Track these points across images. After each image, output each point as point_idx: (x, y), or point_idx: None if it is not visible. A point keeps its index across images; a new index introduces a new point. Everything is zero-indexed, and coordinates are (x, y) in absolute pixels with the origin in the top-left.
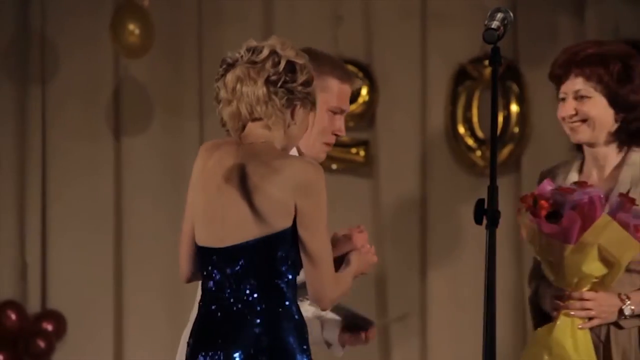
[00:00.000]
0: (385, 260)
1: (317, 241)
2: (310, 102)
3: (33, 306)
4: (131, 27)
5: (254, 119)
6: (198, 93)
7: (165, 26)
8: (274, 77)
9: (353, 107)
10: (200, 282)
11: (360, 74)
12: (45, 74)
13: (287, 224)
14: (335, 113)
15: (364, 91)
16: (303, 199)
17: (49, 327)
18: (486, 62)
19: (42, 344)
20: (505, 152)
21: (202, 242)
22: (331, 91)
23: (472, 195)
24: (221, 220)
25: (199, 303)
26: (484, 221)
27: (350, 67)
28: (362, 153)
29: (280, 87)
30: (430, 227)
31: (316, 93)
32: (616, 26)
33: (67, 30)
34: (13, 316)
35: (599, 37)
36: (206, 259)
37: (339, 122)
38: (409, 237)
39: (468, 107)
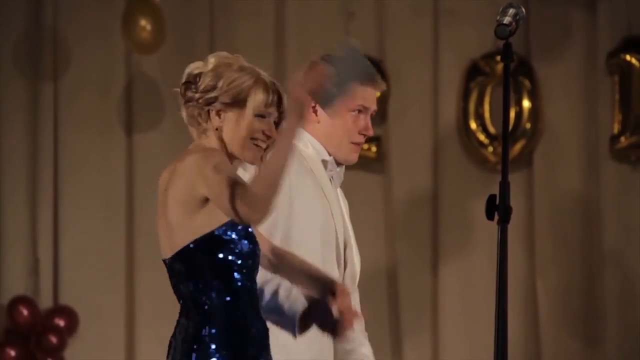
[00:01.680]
0: (397, 256)
1: (219, 184)
2: (222, 103)
3: (45, 302)
4: (143, 22)
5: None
6: None
7: (177, 22)
8: (183, 95)
9: None
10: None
11: None
12: (57, 70)
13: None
14: (359, 112)
15: None
16: (208, 173)
17: (61, 323)
18: (498, 58)
19: (54, 339)
20: (517, 147)
21: None
22: (350, 92)
23: (484, 191)
24: None
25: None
26: (496, 217)
27: None
28: (374, 149)
29: (189, 102)
30: (442, 222)
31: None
32: (628, 21)
33: (79, 26)
34: (25, 312)
35: (610, 33)
36: None
37: (364, 121)
38: (421, 233)
39: (480, 103)
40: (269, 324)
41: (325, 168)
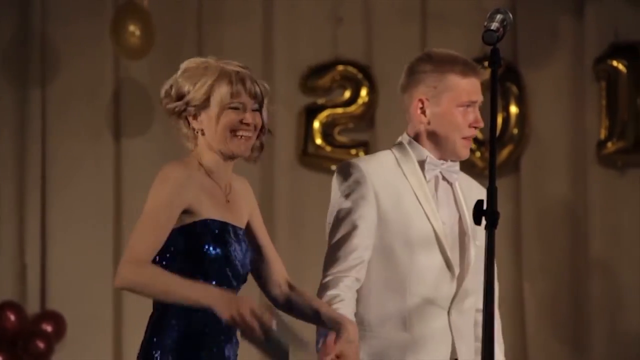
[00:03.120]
0: None
1: (138, 222)
2: (193, 107)
3: (32, 307)
4: (132, 28)
5: None
6: None
7: (166, 27)
8: (165, 109)
9: (352, 108)
10: None
11: (360, 75)
12: (45, 76)
13: None
14: (467, 106)
15: (364, 92)
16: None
17: (49, 328)
18: (486, 63)
19: (41, 344)
20: (504, 153)
21: None
22: (455, 88)
23: None
24: None
25: None
26: (483, 222)
27: (350, 69)
28: (361, 154)
29: (168, 112)
30: None
31: (210, 92)
32: (615, 27)
33: (68, 32)
34: (12, 317)
35: (597, 39)
36: None
37: (473, 114)
38: None
39: None
40: None
41: (422, 169)
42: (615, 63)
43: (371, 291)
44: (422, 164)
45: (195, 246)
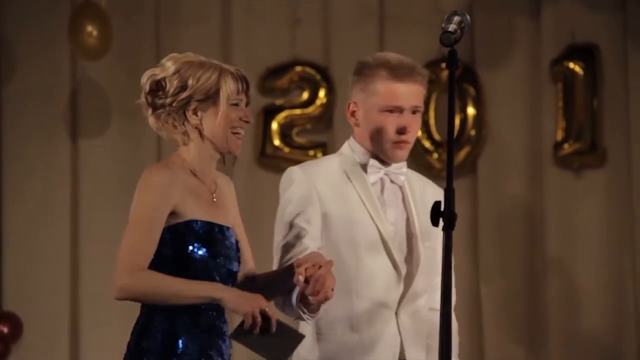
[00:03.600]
0: None
1: (125, 232)
2: (197, 101)
3: None
4: (89, 28)
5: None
6: None
7: (123, 28)
8: (150, 102)
9: (311, 109)
10: None
11: (318, 77)
12: (1, 76)
13: None
14: (391, 111)
15: (322, 93)
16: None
17: (5, 329)
18: (443, 65)
19: None
20: (462, 154)
21: None
22: (378, 93)
23: None
24: None
25: None
26: (441, 223)
27: (308, 70)
28: (319, 155)
29: (159, 109)
30: None
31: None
32: (572, 29)
33: (24, 31)
34: None
35: (554, 40)
36: None
37: (398, 120)
38: None
39: (425, 110)
40: None
41: (365, 171)
42: (571, 65)
43: None
44: (364, 167)
45: (180, 247)
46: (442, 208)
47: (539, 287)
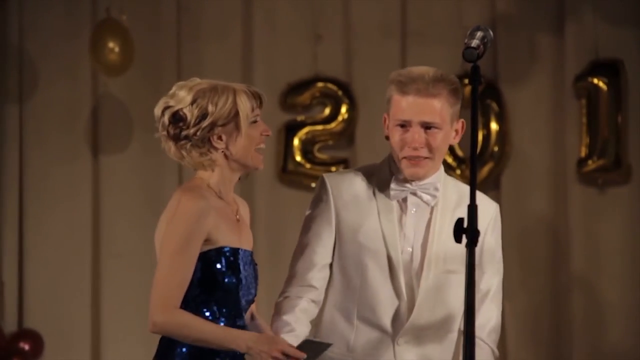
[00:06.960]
0: None
1: (159, 263)
2: (220, 126)
3: (10, 325)
4: (111, 44)
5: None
6: None
7: (145, 44)
8: (173, 135)
9: (332, 125)
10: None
11: (340, 92)
12: (22, 92)
13: None
14: (403, 126)
15: (344, 109)
16: (167, 225)
17: (26, 347)
18: (466, 81)
19: None
20: (484, 170)
21: None
22: (393, 106)
23: None
24: None
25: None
26: (464, 240)
27: (330, 86)
28: None
29: (183, 140)
30: None
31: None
32: (595, 45)
33: (46, 47)
34: None
35: (577, 56)
36: None
37: (412, 134)
38: None
39: None
40: None
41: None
42: (595, 80)
43: (324, 310)
44: (389, 183)
45: (210, 273)
46: (465, 225)
47: (563, 304)
